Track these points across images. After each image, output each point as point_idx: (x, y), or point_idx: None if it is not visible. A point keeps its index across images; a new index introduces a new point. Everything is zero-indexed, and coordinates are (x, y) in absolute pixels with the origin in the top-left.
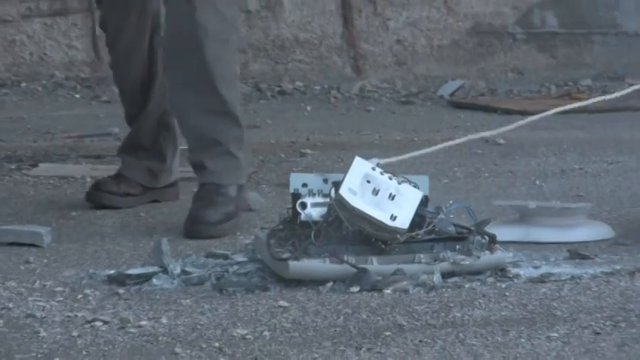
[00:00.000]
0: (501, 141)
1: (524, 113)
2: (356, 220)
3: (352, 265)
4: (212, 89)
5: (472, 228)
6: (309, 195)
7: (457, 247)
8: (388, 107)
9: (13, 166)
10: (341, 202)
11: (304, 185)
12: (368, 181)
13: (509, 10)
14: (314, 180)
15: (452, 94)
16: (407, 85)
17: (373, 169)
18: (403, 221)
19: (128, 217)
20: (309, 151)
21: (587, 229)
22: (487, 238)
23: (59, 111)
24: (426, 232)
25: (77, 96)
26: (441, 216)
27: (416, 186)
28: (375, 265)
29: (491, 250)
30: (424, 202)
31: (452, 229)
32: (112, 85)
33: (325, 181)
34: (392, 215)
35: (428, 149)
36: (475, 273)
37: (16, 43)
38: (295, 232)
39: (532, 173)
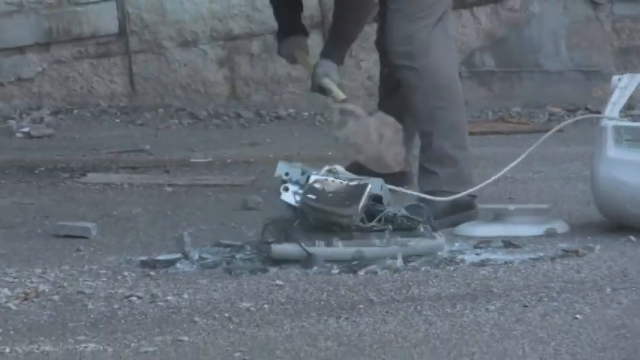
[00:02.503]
0: None
1: (470, 133)
2: (319, 214)
3: (304, 249)
4: None
5: (420, 219)
6: (290, 183)
7: (406, 234)
8: None
9: (66, 175)
10: (306, 204)
11: (287, 174)
12: (318, 186)
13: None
14: (295, 171)
15: None
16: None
17: (325, 175)
18: (355, 206)
19: (157, 215)
20: (299, 163)
21: (552, 224)
22: (430, 227)
23: (103, 132)
24: (380, 221)
25: (117, 120)
26: (400, 210)
27: (366, 183)
28: (339, 247)
29: (433, 238)
30: (378, 198)
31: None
32: (144, 112)
33: (303, 173)
34: (345, 203)
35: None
36: (420, 255)
37: (70, 78)
38: (283, 224)
39: (477, 179)
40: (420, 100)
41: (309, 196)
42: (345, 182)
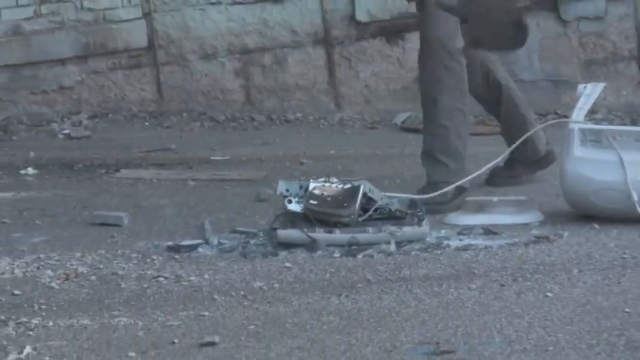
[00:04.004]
0: None
1: None
2: (322, 216)
3: (308, 235)
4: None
5: (408, 211)
6: (291, 197)
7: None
8: (359, 131)
9: (102, 171)
10: (309, 208)
11: (287, 190)
12: (318, 192)
13: None
14: (293, 186)
15: (403, 122)
16: (372, 116)
17: (323, 182)
18: (352, 207)
19: (181, 206)
20: (305, 160)
21: (529, 214)
22: (417, 217)
23: (134, 133)
24: (374, 213)
25: (146, 123)
26: (391, 202)
27: (358, 186)
28: (337, 234)
29: (419, 226)
30: (369, 196)
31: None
32: (170, 116)
33: (301, 187)
34: (344, 205)
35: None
36: (408, 241)
37: (105, 87)
38: (291, 214)
39: None
40: (446, 96)
41: (311, 201)
42: (340, 186)
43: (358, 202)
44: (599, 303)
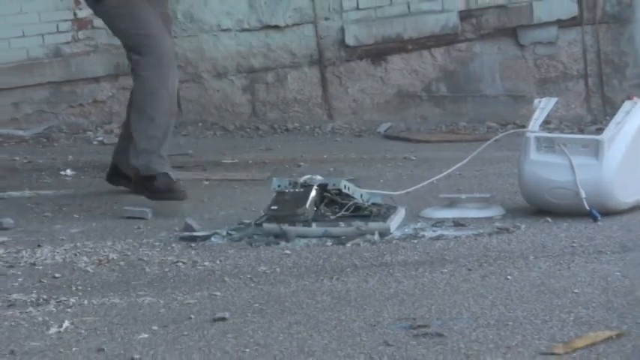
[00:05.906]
0: (413, 157)
1: (428, 141)
2: (281, 219)
3: (280, 227)
4: None
5: (378, 207)
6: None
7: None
8: (348, 139)
9: None
10: (270, 214)
11: (279, 185)
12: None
13: (418, 82)
14: (284, 182)
15: (385, 131)
16: (359, 125)
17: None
18: (303, 206)
19: (197, 202)
20: (302, 163)
21: (492, 209)
22: (382, 215)
23: None
24: (345, 211)
25: None
26: (369, 197)
27: (311, 186)
28: (313, 227)
29: (384, 222)
30: (345, 193)
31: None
32: (187, 125)
33: (290, 183)
34: (297, 205)
35: (463, 162)
36: (372, 233)
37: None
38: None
39: (433, 177)
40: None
41: (272, 207)
42: (295, 189)
43: (309, 201)
44: (552, 285)
